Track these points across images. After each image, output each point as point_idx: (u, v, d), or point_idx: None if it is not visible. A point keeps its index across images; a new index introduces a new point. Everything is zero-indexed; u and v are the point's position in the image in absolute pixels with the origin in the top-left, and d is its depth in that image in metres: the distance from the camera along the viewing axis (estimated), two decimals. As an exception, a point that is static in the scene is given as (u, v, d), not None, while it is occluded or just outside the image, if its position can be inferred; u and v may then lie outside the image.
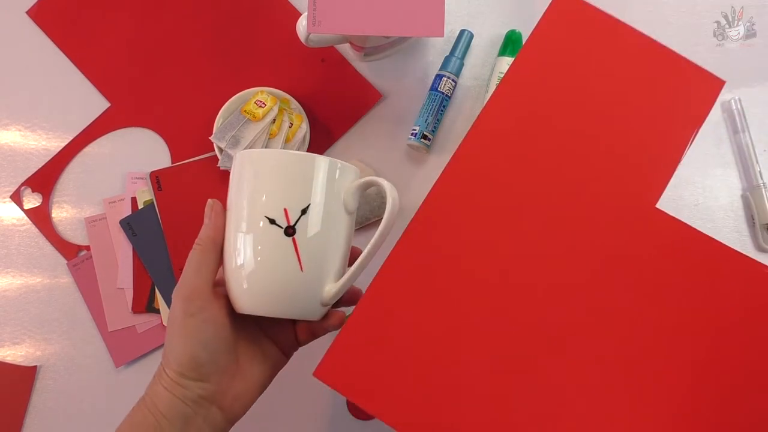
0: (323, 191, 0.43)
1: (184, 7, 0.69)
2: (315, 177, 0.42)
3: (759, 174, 0.64)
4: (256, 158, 0.43)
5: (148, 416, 0.40)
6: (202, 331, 0.41)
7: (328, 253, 0.43)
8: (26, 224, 0.65)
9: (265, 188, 0.42)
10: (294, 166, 0.42)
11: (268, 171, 0.42)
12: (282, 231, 0.41)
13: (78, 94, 0.67)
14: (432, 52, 0.68)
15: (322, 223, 0.42)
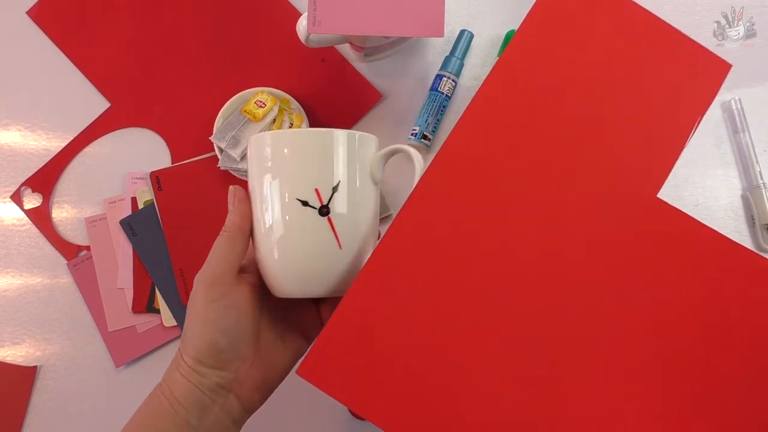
0: (350, 166, 0.43)
1: (184, 7, 0.69)
2: (339, 152, 0.42)
3: (759, 174, 0.64)
4: (276, 141, 0.42)
5: (164, 403, 0.40)
6: (223, 317, 0.40)
7: (363, 226, 0.43)
8: (26, 224, 0.65)
9: (292, 171, 0.42)
10: (315, 144, 0.42)
11: (292, 153, 0.42)
12: (316, 212, 0.41)
13: (78, 94, 0.67)
14: (432, 52, 0.68)
15: (353, 198, 0.42)
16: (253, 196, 0.44)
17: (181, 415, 0.39)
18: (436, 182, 0.42)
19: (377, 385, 0.39)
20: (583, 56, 0.43)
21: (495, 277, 0.41)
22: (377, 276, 0.41)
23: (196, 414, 0.39)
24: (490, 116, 0.43)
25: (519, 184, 0.42)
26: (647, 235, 0.41)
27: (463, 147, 0.43)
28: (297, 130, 0.44)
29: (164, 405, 0.39)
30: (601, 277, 0.41)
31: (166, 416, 0.39)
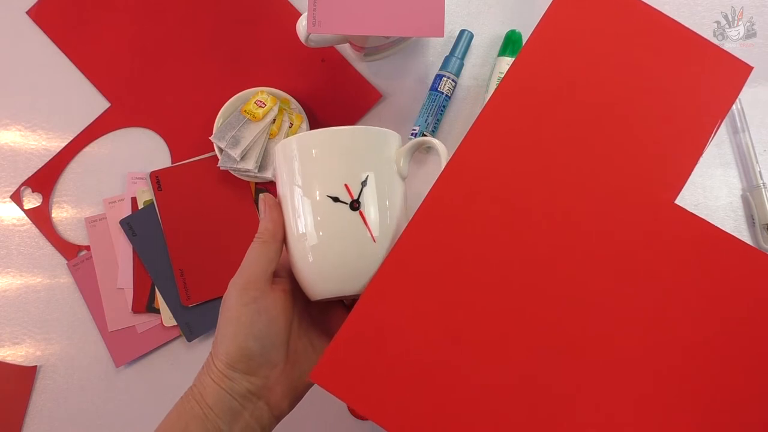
0: (376, 160, 0.44)
1: (184, 7, 0.69)
2: (364, 148, 0.44)
3: (759, 174, 0.64)
4: (303, 143, 0.43)
5: (196, 407, 0.40)
6: (255, 322, 0.40)
7: (394, 219, 0.44)
8: (26, 224, 0.65)
9: (321, 169, 0.42)
10: (341, 142, 0.43)
11: (319, 152, 0.43)
12: (348, 206, 0.42)
13: (78, 94, 0.67)
14: (432, 52, 0.68)
15: (382, 192, 0.43)
16: (284, 202, 0.44)
17: (212, 420, 0.39)
18: (449, 186, 0.42)
19: (388, 389, 0.39)
20: (600, 60, 0.43)
21: (509, 282, 0.40)
22: (391, 281, 0.41)
23: (226, 420, 0.39)
24: (505, 118, 0.43)
25: (535, 188, 0.41)
26: (665, 242, 0.40)
27: (478, 150, 0.42)
28: (321, 131, 0.44)
29: (195, 409, 0.40)
30: (619, 283, 0.40)
31: (197, 420, 0.39)
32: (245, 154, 0.62)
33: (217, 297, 0.62)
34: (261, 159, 0.62)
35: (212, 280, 0.62)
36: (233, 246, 0.63)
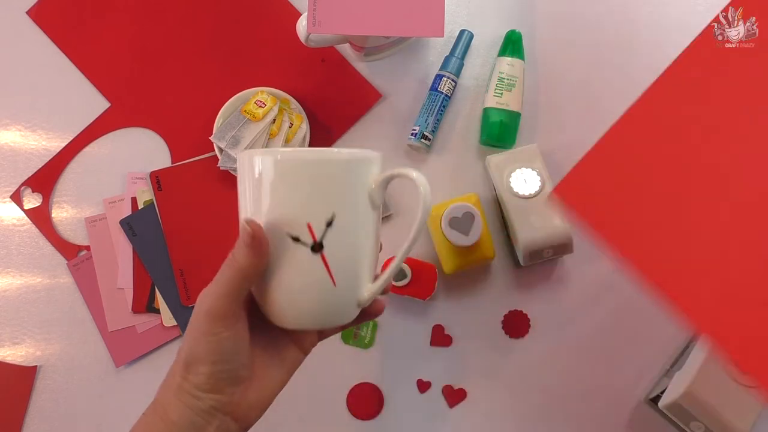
0: (347, 195, 0.39)
1: (184, 7, 0.69)
2: (336, 181, 0.38)
3: (759, 174, 0.64)
4: (266, 164, 0.38)
5: (159, 424, 0.39)
6: (224, 348, 0.39)
7: (360, 258, 0.40)
8: (26, 224, 0.65)
9: (282, 202, 0.38)
10: (308, 172, 0.38)
11: (283, 182, 0.38)
12: (308, 249, 0.37)
13: (78, 94, 0.67)
14: (432, 52, 0.68)
15: (350, 231, 0.39)
16: (242, 217, 0.41)
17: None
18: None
19: (620, 218, 0.47)
20: None
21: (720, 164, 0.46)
22: (634, 127, 0.48)
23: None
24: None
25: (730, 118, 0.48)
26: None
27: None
28: (288, 154, 0.39)
29: (159, 426, 0.39)
30: None
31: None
32: (245, 154, 0.62)
33: (217, 297, 0.62)
34: (261, 159, 0.62)
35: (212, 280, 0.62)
36: (233, 246, 0.63)
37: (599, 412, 0.62)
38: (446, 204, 0.59)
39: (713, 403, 0.54)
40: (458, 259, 0.60)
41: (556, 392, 0.63)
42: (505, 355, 0.63)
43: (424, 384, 0.63)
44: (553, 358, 0.63)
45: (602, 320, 0.64)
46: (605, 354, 0.63)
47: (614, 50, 0.67)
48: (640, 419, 0.62)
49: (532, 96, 0.66)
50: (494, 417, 0.62)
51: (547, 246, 0.59)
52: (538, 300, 0.64)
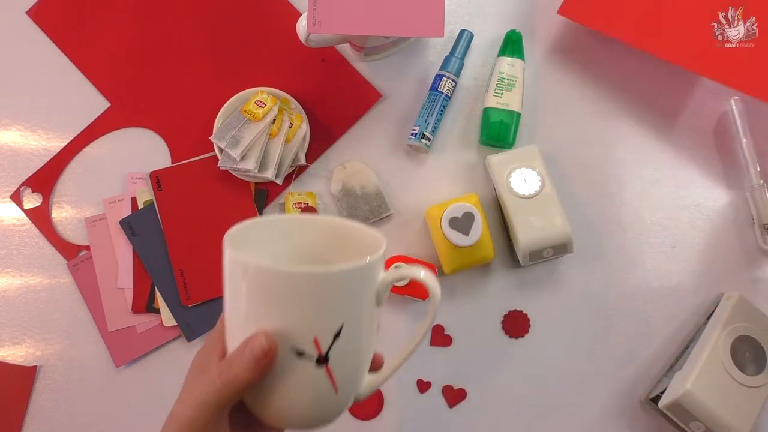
0: (356, 303, 0.36)
1: (184, 7, 0.69)
2: (347, 293, 0.36)
3: (759, 174, 0.64)
4: (264, 278, 0.34)
5: None
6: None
7: (364, 360, 0.39)
8: (26, 224, 0.65)
9: (288, 317, 0.35)
10: (322, 286, 0.35)
11: (291, 296, 0.35)
12: (312, 363, 0.35)
13: (78, 94, 0.67)
14: (432, 52, 0.68)
15: (357, 338, 0.37)
16: (230, 327, 0.37)
17: None
18: None
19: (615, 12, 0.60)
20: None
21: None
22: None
23: None
24: None
25: None
26: None
27: None
28: (301, 271, 0.34)
29: None
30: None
31: None
32: (245, 154, 0.62)
33: (217, 297, 0.62)
34: (261, 159, 0.62)
35: (212, 280, 0.62)
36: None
37: (599, 412, 0.62)
38: (446, 204, 0.59)
39: (713, 403, 0.54)
40: (458, 259, 0.60)
41: (556, 392, 0.63)
42: (505, 355, 0.63)
43: (424, 384, 0.63)
44: (553, 358, 0.63)
45: (602, 320, 0.64)
46: (605, 354, 0.63)
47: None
48: (640, 419, 0.62)
49: (532, 96, 0.66)
50: (494, 417, 0.62)
51: (547, 246, 0.59)
52: (538, 300, 0.64)
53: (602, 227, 0.65)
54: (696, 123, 0.67)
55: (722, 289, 0.64)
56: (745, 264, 0.65)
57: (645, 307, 0.64)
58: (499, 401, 0.63)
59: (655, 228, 0.65)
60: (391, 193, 0.65)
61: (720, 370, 0.55)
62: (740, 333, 0.57)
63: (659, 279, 0.64)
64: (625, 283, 0.64)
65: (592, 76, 0.67)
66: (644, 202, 0.65)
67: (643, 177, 0.66)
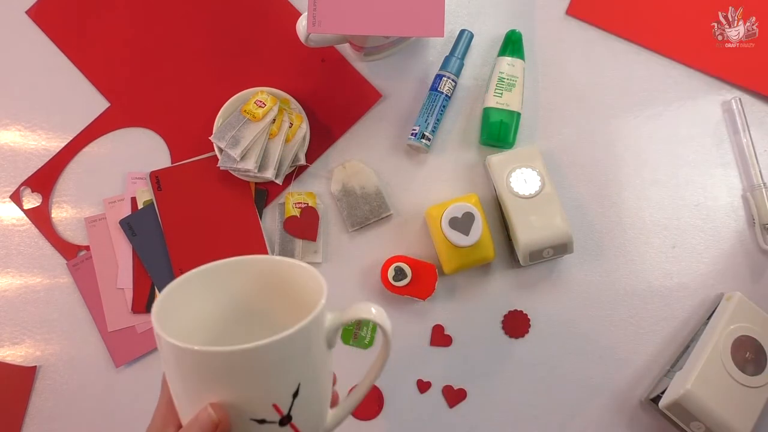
0: (310, 360, 0.36)
1: (184, 7, 0.68)
2: (297, 355, 0.35)
3: (759, 174, 0.64)
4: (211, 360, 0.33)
5: None
6: None
7: (325, 402, 0.39)
8: (26, 224, 0.65)
9: (243, 391, 0.34)
10: (268, 356, 0.33)
11: (238, 374, 0.33)
12: (276, 425, 0.35)
13: (78, 94, 0.67)
14: (432, 52, 0.68)
15: (316, 391, 0.37)
16: (178, 404, 0.36)
17: None
18: None
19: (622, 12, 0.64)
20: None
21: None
22: None
23: None
24: None
25: None
26: None
27: None
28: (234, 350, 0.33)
29: None
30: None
31: None
32: (245, 154, 0.62)
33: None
34: (261, 159, 0.62)
35: (212, 280, 0.62)
36: (233, 246, 0.63)
37: (599, 412, 0.62)
38: (446, 204, 0.59)
39: (713, 403, 0.54)
40: (458, 259, 0.60)
41: (556, 392, 0.63)
42: (505, 355, 0.63)
43: (424, 384, 0.63)
44: (553, 358, 0.63)
45: (602, 320, 0.64)
46: (605, 354, 0.63)
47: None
48: (640, 419, 0.62)
49: (532, 96, 0.66)
50: (494, 417, 0.62)
51: (547, 246, 0.59)
52: (538, 300, 0.64)
53: (602, 227, 0.65)
54: (696, 123, 0.67)
55: (722, 289, 0.64)
56: (745, 264, 0.65)
57: (645, 307, 0.64)
58: (499, 401, 0.63)
59: (655, 228, 0.65)
60: (391, 193, 0.65)
61: (720, 371, 0.55)
62: (740, 333, 0.57)
63: (659, 279, 0.64)
64: (625, 283, 0.64)
65: (592, 76, 0.67)
66: (644, 202, 0.65)
67: (643, 177, 0.66)
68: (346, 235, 0.65)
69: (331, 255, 0.64)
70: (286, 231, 0.64)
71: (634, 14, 0.67)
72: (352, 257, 0.64)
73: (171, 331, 0.34)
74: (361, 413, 0.62)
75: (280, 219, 0.64)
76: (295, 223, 0.64)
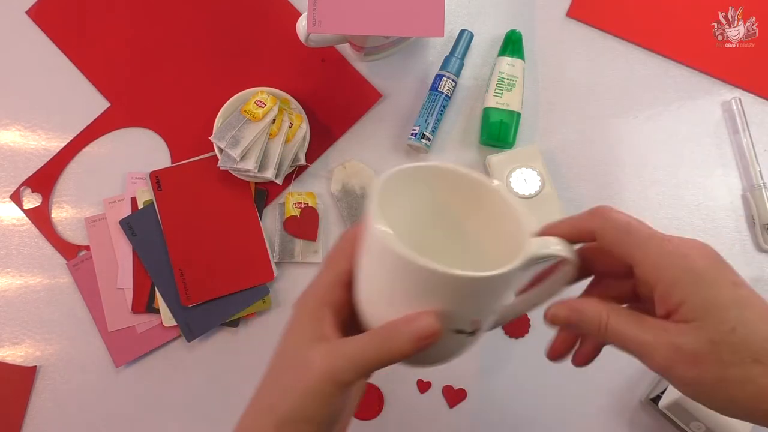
0: (515, 286, 0.39)
1: (184, 7, 0.69)
2: (510, 284, 0.36)
3: (759, 174, 0.64)
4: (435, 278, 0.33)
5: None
6: (336, 411, 0.36)
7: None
8: (26, 224, 0.65)
9: (450, 307, 0.34)
10: (488, 285, 0.34)
11: (457, 294, 0.34)
12: (467, 335, 0.36)
13: (78, 94, 0.67)
14: (432, 52, 0.68)
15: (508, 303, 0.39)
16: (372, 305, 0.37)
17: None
18: None
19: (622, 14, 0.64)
20: None
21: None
22: None
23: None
24: None
25: None
26: None
27: None
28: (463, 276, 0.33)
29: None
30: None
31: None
32: (245, 154, 0.62)
33: (216, 297, 0.62)
34: (261, 159, 0.62)
35: (212, 280, 0.62)
36: (233, 246, 0.63)
37: (599, 412, 0.62)
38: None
39: (713, 403, 0.54)
40: (458, 259, 0.60)
41: (556, 392, 0.63)
42: (505, 355, 0.63)
43: (424, 384, 0.63)
44: (553, 358, 0.63)
45: (602, 320, 0.64)
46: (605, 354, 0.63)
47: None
48: (640, 419, 0.62)
49: (532, 96, 0.66)
50: (494, 417, 0.62)
51: (547, 246, 0.59)
52: (538, 300, 0.64)
53: (602, 227, 0.65)
54: (696, 123, 0.67)
55: (722, 289, 0.64)
56: (745, 264, 0.65)
57: (645, 307, 0.64)
58: (499, 401, 0.63)
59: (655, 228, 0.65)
60: (391, 193, 0.65)
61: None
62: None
63: (659, 279, 0.64)
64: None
65: (592, 76, 0.67)
66: (644, 202, 0.65)
67: (643, 177, 0.66)
68: (346, 235, 0.65)
69: (331, 255, 0.64)
70: (286, 231, 0.64)
71: (634, 15, 0.67)
72: (352, 257, 0.64)
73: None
74: (361, 413, 0.62)
75: (280, 219, 0.64)
76: (295, 223, 0.64)
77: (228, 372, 0.63)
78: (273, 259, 0.63)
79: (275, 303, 0.63)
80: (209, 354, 0.63)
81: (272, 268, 0.63)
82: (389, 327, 0.35)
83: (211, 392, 0.62)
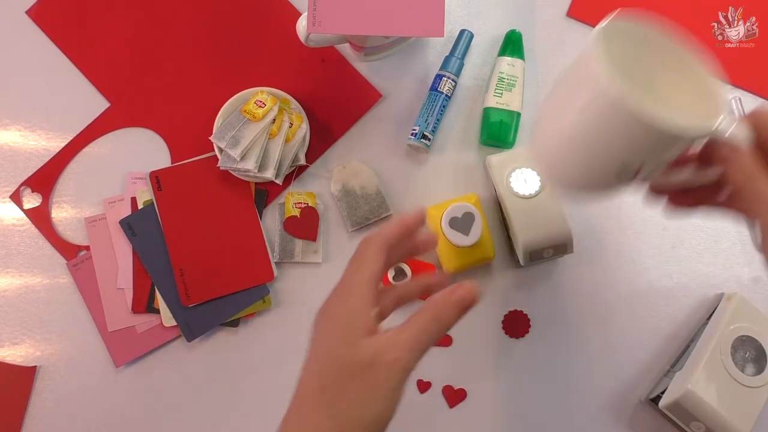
0: None
1: (184, 7, 0.69)
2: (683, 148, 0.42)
3: (759, 174, 0.64)
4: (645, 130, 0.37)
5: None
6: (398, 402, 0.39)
7: None
8: (26, 224, 0.65)
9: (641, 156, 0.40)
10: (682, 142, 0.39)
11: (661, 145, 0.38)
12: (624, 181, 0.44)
13: (78, 94, 0.67)
14: (432, 52, 0.68)
15: None
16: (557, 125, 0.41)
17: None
18: None
19: None
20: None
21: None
22: None
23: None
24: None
25: None
26: None
27: None
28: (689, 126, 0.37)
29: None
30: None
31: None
32: (245, 154, 0.62)
33: (216, 297, 0.62)
34: (261, 159, 0.62)
35: (212, 280, 0.62)
36: (233, 246, 0.63)
37: (599, 412, 0.62)
38: (446, 204, 0.59)
39: (714, 403, 0.54)
40: (458, 259, 0.60)
41: (556, 392, 0.63)
42: (505, 355, 0.63)
43: (424, 384, 0.63)
44: (553, 358, 0.63)
45: (602, 320, 0.64)
46: (605, 354, 0.63)
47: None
48: (640, 419, 0.62)
49: (532, 96, 0.66)
50: (494, 417, 0.62)
51: (547, 246, 0.59)
52: (538, 300, 0.64)
53: (602, 227, 0.65)
54: (696, 123, 0.67)
55: (722, 289, 0.64)
56: (745, 264, 0.65)
57: (645, 307, 0.64)
58: (499, 401, 0.63)
59: (655, 228, 0.65)
60: (391, 193, 0.65)
61: (720, 371, 0.55)
62: (740, 333, 0.57)
63: (659, 279, 0.64)
64: (625, 283, 0.64)
65: (592, 76, 0.67)
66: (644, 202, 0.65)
67: (643, 177, 0.66)
68: (346, 235, 0.65)
69: (331, 255, 0.64)
70: (286, 231, 0.64)
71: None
72: (352, 257, 0.64)
73: None
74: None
75: (280, 219, 0.64)
76: (295, 223, 0.64)
77: (228, 372, 0.63)
78: (273, 259, 0.63)
79: (275, 303, 0.63)
80: (209, 354, 0.63)
81: (272, 268, 0.63)
82: (434, 305, 0.41)
83: (211, 392, 0.62)
